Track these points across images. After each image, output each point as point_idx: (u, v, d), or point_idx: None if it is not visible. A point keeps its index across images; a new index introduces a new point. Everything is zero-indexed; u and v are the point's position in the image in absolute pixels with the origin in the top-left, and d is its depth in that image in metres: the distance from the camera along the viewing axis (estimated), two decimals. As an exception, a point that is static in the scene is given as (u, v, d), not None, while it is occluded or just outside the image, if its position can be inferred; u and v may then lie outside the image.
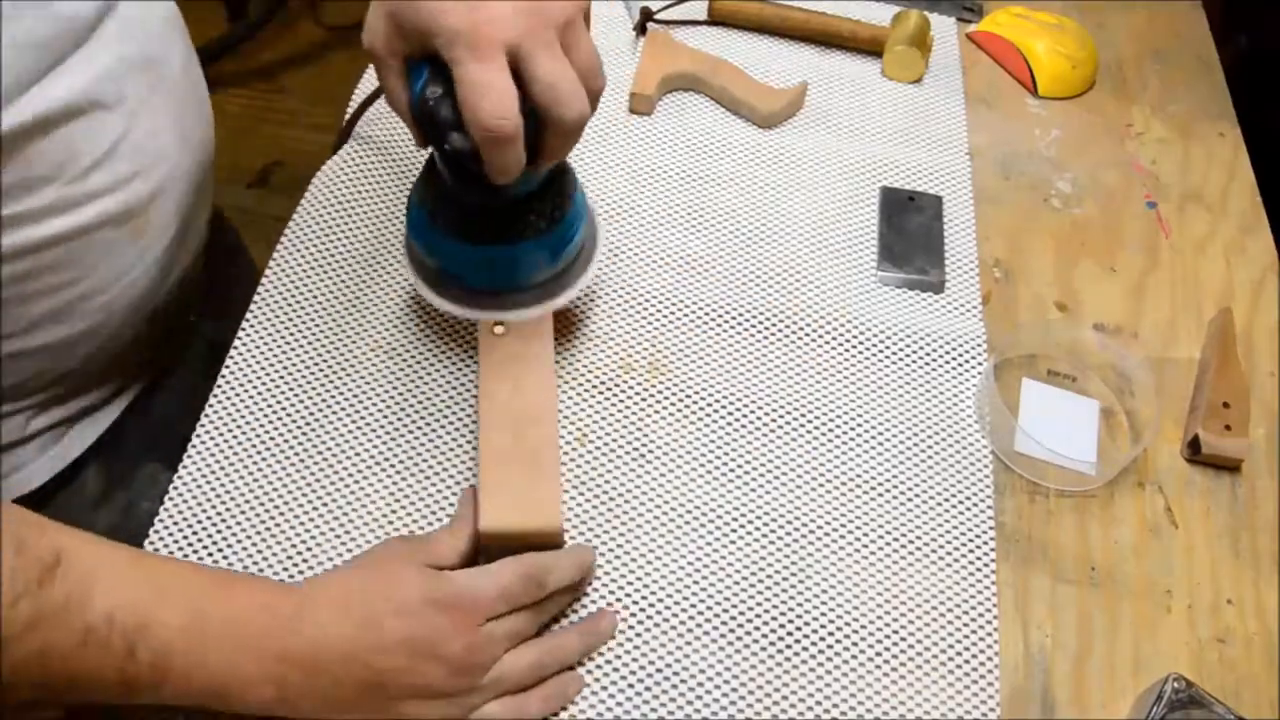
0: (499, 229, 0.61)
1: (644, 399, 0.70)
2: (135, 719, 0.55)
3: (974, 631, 0.62)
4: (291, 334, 0.72)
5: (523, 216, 0.61)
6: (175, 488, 0.65)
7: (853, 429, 0.70)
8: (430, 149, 0.60)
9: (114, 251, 0.66)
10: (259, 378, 0.70)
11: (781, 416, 0.70)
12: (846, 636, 0.61)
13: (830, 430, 0.70)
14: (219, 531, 0.63)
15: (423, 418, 0.68)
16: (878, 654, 0.61)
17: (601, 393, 0.70)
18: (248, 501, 0.64)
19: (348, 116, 0.83)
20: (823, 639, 0.61)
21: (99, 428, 0.74)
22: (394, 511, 0.65)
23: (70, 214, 0.62)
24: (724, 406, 0.70)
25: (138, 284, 0.69)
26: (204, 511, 0.64)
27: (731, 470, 0.67)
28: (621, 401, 0.70)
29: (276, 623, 0.52)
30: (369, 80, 0.87)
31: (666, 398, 0.70)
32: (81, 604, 0.47)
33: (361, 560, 0.58)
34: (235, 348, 0.71)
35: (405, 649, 0.53)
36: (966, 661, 0.60)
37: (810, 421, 0.70)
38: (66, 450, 0.72)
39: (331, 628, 0.52)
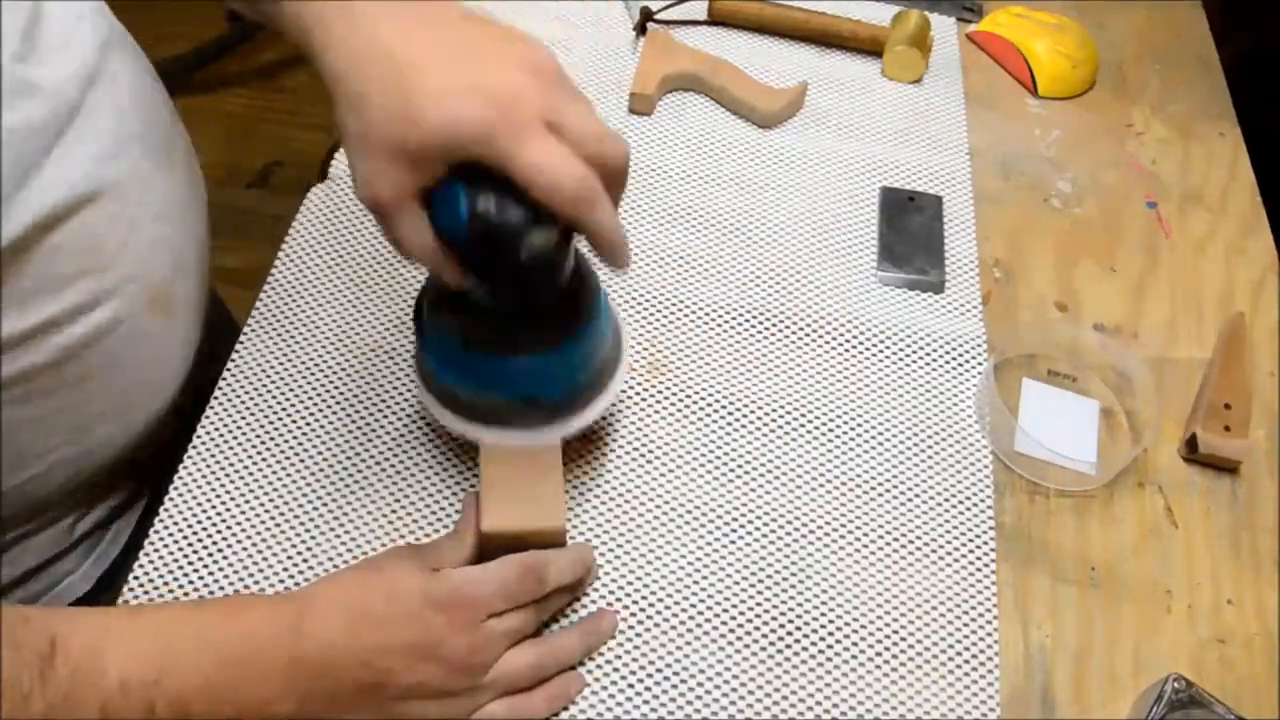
0: (557, 328, 0.57)
1: (644, 399, 0.70)
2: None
3: (974, 631, 0.62)
4: (292, 335, 0.72)
5: (569, 311, 0.57)
6: (175, 489, 0.65)
7: (853, 429, 0.70)
8: (464, 281, 0.53)
9: (151, 336, 0.64)
10: (260, 379, 0.70)
11: (781, 416, 0.70)
12: (846, 636, 0.61)
13: (830, 430, 0.70)
14: (219, 533, 0.63)
15: (423, 418, 0.68)
16: (878, 654, 0.61)
17: (601, 393, 0.70)
18: (248, 503, 0.64)
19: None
20: (823, 639, 0.61)
21: (134, 518, 0.73)
22: (395, 514, 0.65)
23: (104, 307, 0.59)
24: (724, 406, 0.70)
25: (176, 364, 0.68)
26: (204, 513, 0.64)
27: (731, 470, 0.67)
28: (622, 401, 0.70)
29: (281, 633, 0.52)
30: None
31: (667, 398, 0.70)
32: (90, 680, 0.46)
33: (362, 563, 0.58)
34: (237, 350, 0.71)
35: (405, 649, 0.53)
36: (966, 661, 0.60)
37: (810, 421, 0.70)
38: (108, 551, 0.71)
39: (333, 629, 0.52)
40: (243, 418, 0.68)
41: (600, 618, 0.61)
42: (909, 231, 0.80)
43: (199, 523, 0.63)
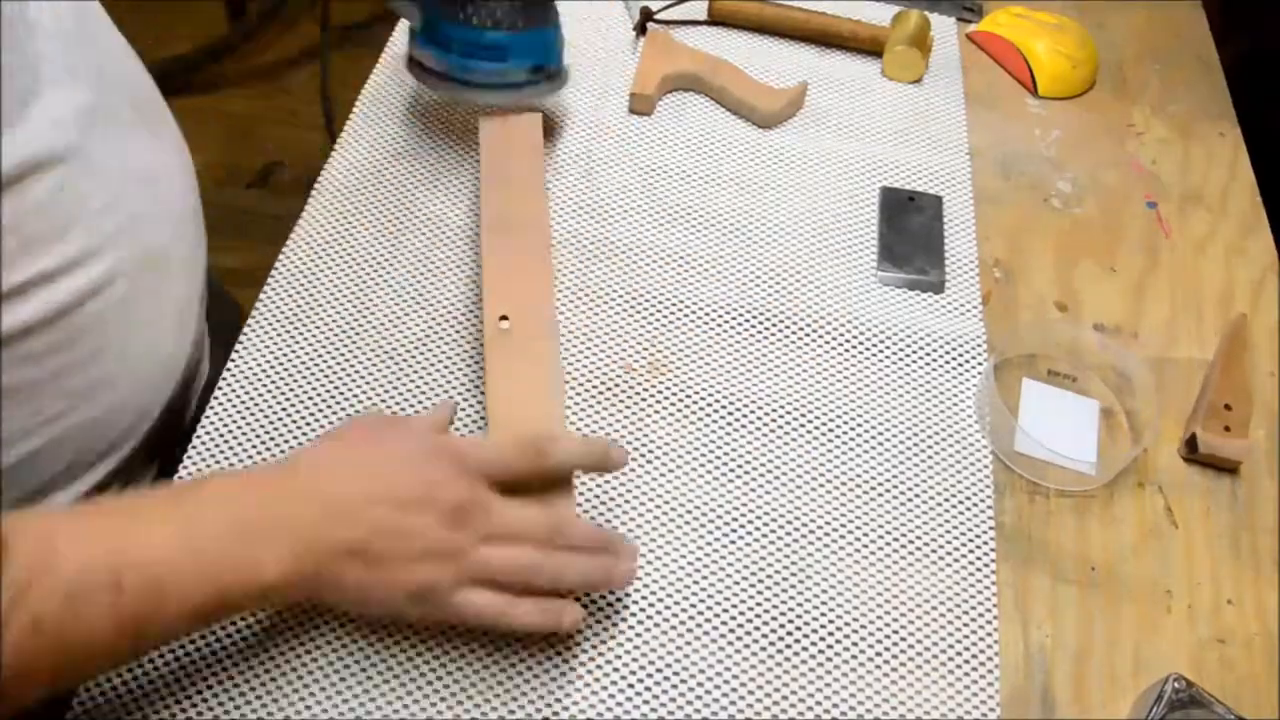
0: (549, 7, 0.76)
1: (644, 399, 0.70)
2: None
3: (974, 631, 0.62)
4: (293, 336, 0.72)
5: None
6: (175, 488, 0.65)
7: (853, 429, 0.70)
8: None
9: (146, 296, 0.63)
10: (260, 379, 0.70)
11: (781, 416, 0.70)
12: (846, 636, 0.61)
13: (830, 430, 0.70)
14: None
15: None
16: (878, 654, 0.61)
17: (602, 393, 0.70)
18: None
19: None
20: (823, 639, 0.61)
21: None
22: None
23: (94, 262, 0.59)
24: (724, 406, 0.70)
25: (174, 327, 0.67)
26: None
27: (732, 470, 0.67)
28: (622, 402, 0.70)
29: (269, 491, 0.50)
30: (367, 83, 0.88)
31: (667, 398, 0.70)
32: (49, 566, 0.45)
33: (358, 424, 0.57)
34: (237, 350, 0.71)
35: (403, 497, 0.52)
36: (966, 662, 0.60)
37: (810, 421, 0.70)
38: None
39: (328, 482, 0.51)
40: (243, 418, 0.68)
41: (616, 548, 0.57)
42: (909, 231, 0.80)
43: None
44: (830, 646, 0.61)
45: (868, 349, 0.74)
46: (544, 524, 0.56)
